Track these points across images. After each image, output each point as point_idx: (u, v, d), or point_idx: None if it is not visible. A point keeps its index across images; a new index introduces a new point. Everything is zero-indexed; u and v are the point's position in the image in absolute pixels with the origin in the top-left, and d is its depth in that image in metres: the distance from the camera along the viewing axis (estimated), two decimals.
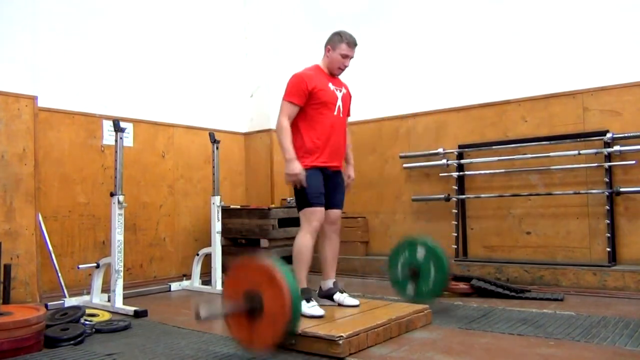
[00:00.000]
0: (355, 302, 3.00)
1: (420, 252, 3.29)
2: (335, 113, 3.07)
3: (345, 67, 3.14)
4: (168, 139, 4.99)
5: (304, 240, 2.92)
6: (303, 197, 2.94)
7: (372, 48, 5.21)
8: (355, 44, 3.12)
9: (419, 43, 4.94)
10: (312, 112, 3.01)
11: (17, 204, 3.63)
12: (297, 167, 2.88)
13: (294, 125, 3.06)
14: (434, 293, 3.25)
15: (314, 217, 2.94)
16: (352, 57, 3.13)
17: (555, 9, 4.21)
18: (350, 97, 3.26)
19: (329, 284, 3.12)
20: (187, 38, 5.23)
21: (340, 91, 3.13)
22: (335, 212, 3.14)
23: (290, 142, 2.93)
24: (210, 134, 4.53)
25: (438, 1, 4.85)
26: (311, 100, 3.00)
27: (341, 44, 3.07)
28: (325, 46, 3.14)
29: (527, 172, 4.26)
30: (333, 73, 3.15)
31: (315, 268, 3.22)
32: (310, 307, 2.77)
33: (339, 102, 3.09)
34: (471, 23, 4.63)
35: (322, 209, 2.99)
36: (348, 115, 3.26)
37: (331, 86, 3.08)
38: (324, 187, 3.04)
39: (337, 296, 3.05)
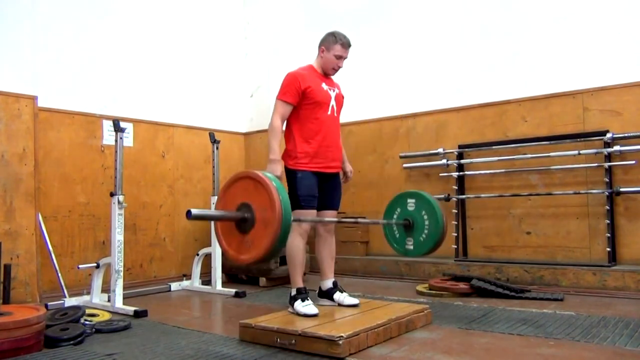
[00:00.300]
0: (355, 301, 3.00)
1: (411, 204, 3.27)
2: (329, 113, 3.08)
3: (339, 67, 3.15)
4: (168, 139, 4.99)
5: (294, 241, 2.97)
6: (295, 199, 2.95)
7: (372, 48, 5.22)
8: (349, 45, 3.12)
9: (419, 43, 4.94)
10: (306, 113, 3.02)
11: (17, 204, 3.63)
12: (277, 170, 2.91)
13: (289, 127, 3.07)
14: (431, 243, 3.18)
15: (304, 218, 2.96)
16: (345, 58, 3.14)
17: (555, 9, 4.21)
18: (343, 97, 3.26)
19: (328, 283, 3.13)
20: (187, 38, 5.23)
21: (334, 91, 3.15)
22: (331, 213, 3.16)
23: (278, 143, 2.95)
24: (210, 134, 4.53)
25: (438, 1, 4.85)
26: (304, 100, 3.01)
27: (335, 45, 3.07)
28: (319, 46, 3.15)
29: (527, 172, 4.26)
30: (327, 73, 3.16)
31: (316, 268, 3.22)
32: (305, 306, 2.79)
33: (333, 102, 3.10)
34: (471, 23, 4.64)
35: (313, 211, 3.01)
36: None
37: (324, 86, 3.09)
38: (321, 188, 3.06)
39: (337, 296, 3.06)
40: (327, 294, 3.10)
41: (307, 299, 2.86)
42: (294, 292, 2.93)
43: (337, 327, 2.49)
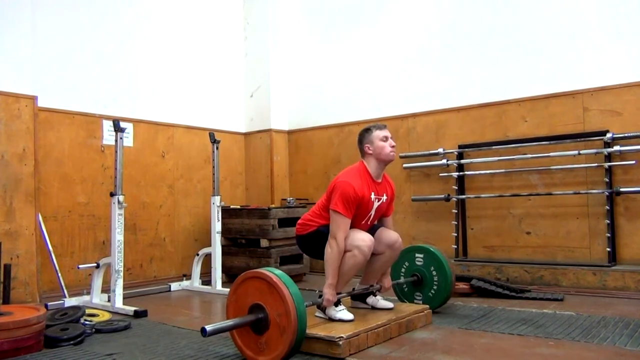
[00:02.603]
0: (389, 305, 2.92)
1: (419, 259, 3.31)
2: (363, 222, 2.89)
3: (394, 145, 2.90)
4: (168, 139, 4.99)
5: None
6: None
7: (373, 48, 5.21)
8: (384, 126, 2.96)
9: (419, 42, 4.93)
10: None
11: (17, 204, 3.63)
12: (332, 295, 2.68)
13: (319, 214, 2.88)
14: (441, 298, 3.22)
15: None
16: (390, 137, 2.92)
17: (555, 9, 4.21)
18: (391, 200, 3.02)
19: (363, 287, 3.02)
20: (187, 38, 5.23)
21: (379, 200, 2.89)
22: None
23: (337, 268, 2.70)
24: (210, 134, 4.53)
25: (438, 1, 4.85)
26: None
27: (374, 134, 2.89)
28: (363, 147, 2.92)
29: (527, 172, 4.26)
30: (388, 161, 2.90)
31: (316, 268, 3.19)
32: (340, 311, 2.70)
33: (372, 212, 2.88)
34: (471, 23, 4.63)
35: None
36: (388, 214, 3.06)
37: (372, 196, 2.84)
38: None
39: (370, 299, 2.98)
40: (361, 297, 3.01)
41: (340, 304, 2.75)
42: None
43: (337, 328, 2.49)
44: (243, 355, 2.38)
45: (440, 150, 4.64)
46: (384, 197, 2.92)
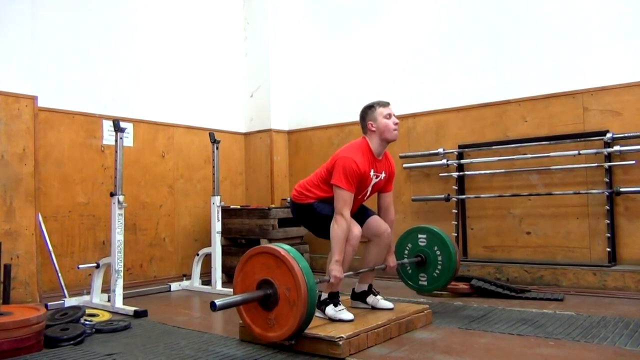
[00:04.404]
0: (389, 305, 2.90)
1: (422, 239, 3.30)
2: (359, 197, 2.90)
3: (397, 123, 2.90)
4: (168, 139, 4.99)
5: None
6: (325, 220, 2.83)
7: (372, 47, 5.21)
8: (387, 103, 2.95)
9: (419, 42, 4.93)
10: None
11: (17, 204, 3.63)
12: (339, 272, 2.69)
13: (317, 185, 2.90)
14: (445, 278, 3.23)
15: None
16: (394, 114, 2.92)
17: (555, 9, 4.21)
18: (391, 177, 3.01)
19: (363, 286, 3.03)
20: (187, 38, 5.23)
21: (377, 177, 2.90)
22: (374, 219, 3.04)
23: (344, 245, 2.72)
24: (210, 134, 4.53)
25: (438, 0, 4.84)
26: None
27: (377, 110, 2.89)
28: (366, 124, 2.91)
29: (527, 172, 4.26)
30: (390, 139, 2.90)
31: (316, 268, 3.18)
32: (339, 311, 2.68)
33: (368, 189, 2.90)
34: (471, 22, 4.63)
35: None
36: (387, 190, 3.05)
37: (372, 173, 2.86)
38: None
39: (370, 299, 2.97)
40: (360, 297, 3.01)
41: (340, 304, 2.72)
42: (324, 296, 2.75)
43: (337, 328, 2.49)
44: (251, 333, 2.40)
45: (440, 150, 4.64)
46: (382, 175, 2.95)
